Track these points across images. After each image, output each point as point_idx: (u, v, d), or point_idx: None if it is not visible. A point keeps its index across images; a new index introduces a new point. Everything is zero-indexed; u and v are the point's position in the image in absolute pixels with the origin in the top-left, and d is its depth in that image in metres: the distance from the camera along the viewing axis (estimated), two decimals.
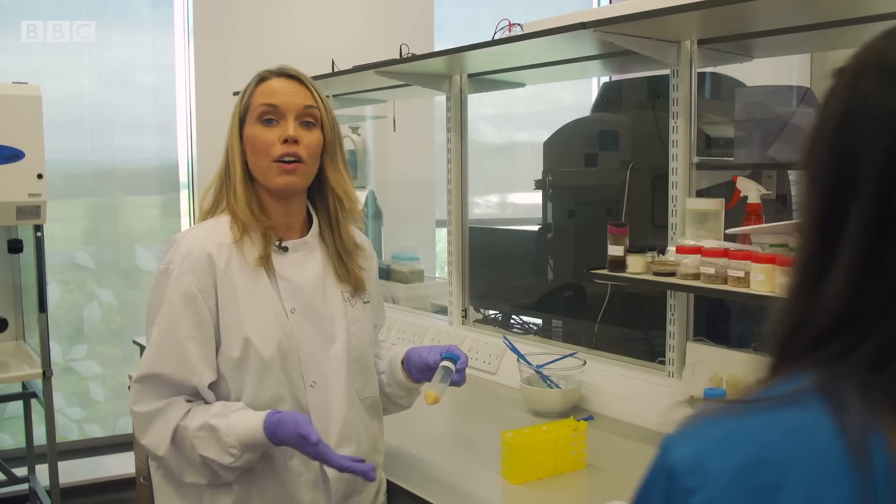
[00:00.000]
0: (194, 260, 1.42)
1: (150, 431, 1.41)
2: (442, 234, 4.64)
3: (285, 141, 1.44)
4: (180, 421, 1.39)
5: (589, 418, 2.06)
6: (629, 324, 2.50)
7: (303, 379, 1.46)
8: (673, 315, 2.07)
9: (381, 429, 1.62)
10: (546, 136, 2.89)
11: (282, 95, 1.47)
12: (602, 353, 2.33)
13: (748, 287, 1.60)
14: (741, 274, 1.61)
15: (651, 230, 2.54)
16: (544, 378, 2.16)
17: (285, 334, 1.44)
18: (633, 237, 2.15)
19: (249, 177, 1.49)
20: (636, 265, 1.84)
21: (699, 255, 1.71)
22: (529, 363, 2.18)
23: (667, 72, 2.67)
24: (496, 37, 2.50)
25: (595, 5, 4.93)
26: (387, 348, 1.72)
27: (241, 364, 1.41)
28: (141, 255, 4.05)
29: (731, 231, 1.75)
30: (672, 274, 1.78)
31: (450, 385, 1.49)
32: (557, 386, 2.15)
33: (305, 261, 1.51)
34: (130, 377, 3.35)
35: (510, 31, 2.54)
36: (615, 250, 1.86)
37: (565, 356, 2.20)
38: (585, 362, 2.16)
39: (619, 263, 1.85)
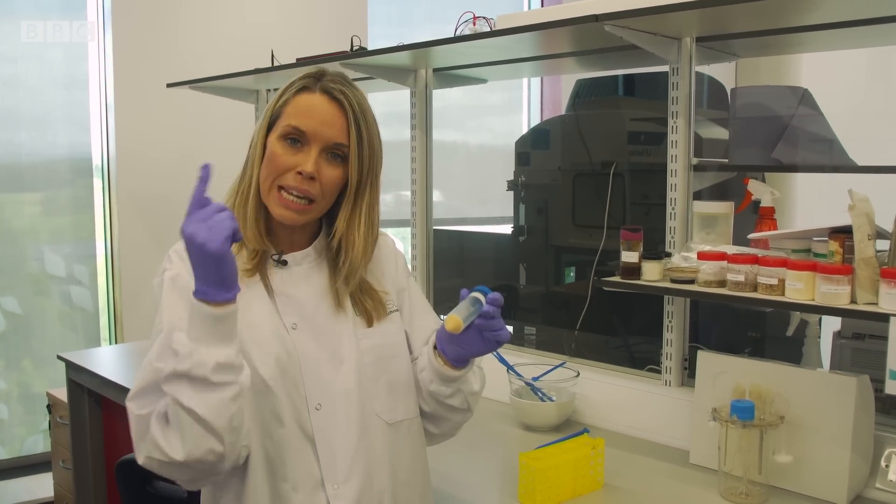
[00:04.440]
0: None
1: (147, 434, 1.15)
2: None
3: (300, 173, 1.24)
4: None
5: (585, 431, 1.95)
6: (610, 330, 2.41)
7: (306, 401, 1.27)
8: (671, 322, 1.99)
9: (423, 456, 1.41)
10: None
11: (313, 121, 1.25)
12: (586, 360, 2.24)
13: (782, 295, 1.53)
14: (774, 281, 1.54)
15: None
16: (535, 391, 2.05)
17: (285, 350, 1.27)
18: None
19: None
20: (652, 272, 1.74)
21: (724, 262, 1.63)
22: (520, 375, 2.06)
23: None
24: (459, 31, 2.38)
25: (525, 6, 4.88)
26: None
27: None
28: (50, 259, 3.69)
29: (753, 236, 1.68)
30: (691, 281, 1.69)
31: (482, 317, 1.21)
32: (550, 399, 2.04)
33: (309, 275, 1.33)
34: (39, 393, 2.94)
35: (475, 24, 2.43)
36: (629, 256, 1.75)
37: (556, 367, 2.10)
38: (579, 373, 2.06)
39: (634, 270, 1.75)
